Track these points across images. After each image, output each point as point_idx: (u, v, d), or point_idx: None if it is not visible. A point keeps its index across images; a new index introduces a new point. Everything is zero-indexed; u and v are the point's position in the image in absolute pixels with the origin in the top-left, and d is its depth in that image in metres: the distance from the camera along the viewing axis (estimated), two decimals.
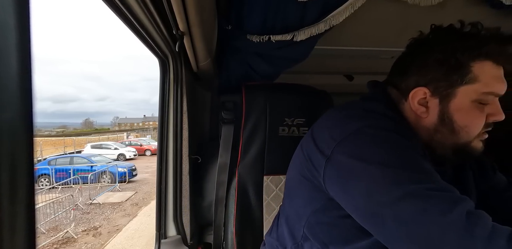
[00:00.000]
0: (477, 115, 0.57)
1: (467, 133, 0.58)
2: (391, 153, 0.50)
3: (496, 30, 0.56)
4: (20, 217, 0.18)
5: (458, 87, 0.57)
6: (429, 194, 0.45)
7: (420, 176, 0.48)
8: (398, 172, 0.48)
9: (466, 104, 0.57)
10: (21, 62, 0.18)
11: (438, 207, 0.43)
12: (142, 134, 31.86)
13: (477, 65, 0.56)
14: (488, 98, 0.56)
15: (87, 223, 6.25)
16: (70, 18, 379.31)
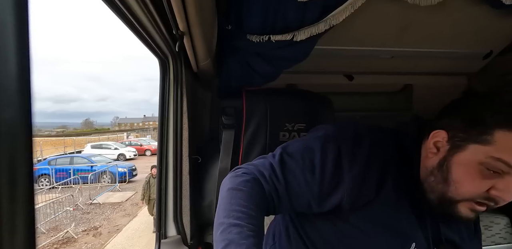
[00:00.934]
0: (475, 178, 0.55)
1: (457, 190, 0.57)
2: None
3: None
4: (20, 217, 0.18)
5: (471, 143, 0.56)
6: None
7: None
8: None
9: (471, 162, 0.55)
10: (20, 62, 0.18)
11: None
12: (142, 134, 31.84)
13: (501, 131, 0.53)
14: (497, 165, 0.52)
15: (87, 223, 6.25)
16: (71, 18, 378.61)
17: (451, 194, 0.57)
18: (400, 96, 1.91)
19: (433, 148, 0.62)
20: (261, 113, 1.05)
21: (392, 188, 0.62)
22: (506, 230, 1.41)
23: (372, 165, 0.62)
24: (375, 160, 0.62)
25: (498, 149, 0.53)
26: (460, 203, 0.57)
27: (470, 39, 1.32)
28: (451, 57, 1.50)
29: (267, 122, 1.05)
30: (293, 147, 0.66)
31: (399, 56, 1.45)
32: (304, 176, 0.61)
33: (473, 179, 0.55)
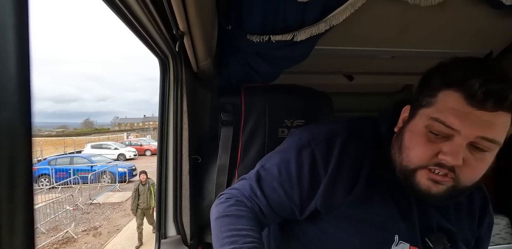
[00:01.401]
0: (422, 142, 0.54)
1: (408, 156, 0.56)
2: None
3: (485, 65, 0.53)
4: (19, 217, 0.18)
5: (420, 109, 0.56)
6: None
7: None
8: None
9: (418, 127, 0.55)
10: (20, 62, 0.18)
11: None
12: (142, 134, 31.84)
13: (443, 91, 0.53)
14: (437, 127, 0.52)
15: (87, 223, 6.25)
16: (71, 19, 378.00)
17: (405, 163, 0.56)
18: (400, 96, 1.91)
19: (400, 124, 0.62)
20: (260, 110, 1.05)
21: (367, 183, 0.61)
22: (506, 231, 1.41)
23: (344, 165, 0.62)
24: (347, 158, 0.62)
25: (437, 109, 0.53)
26: (417, 173, 0.55)
27: (470, 39, 1.32)
28: (451, 57, 1.50)
29: (266, 119, 1.05)
30: (270, 162, 0.67)
31: (399, 56, 1.45)
32: (283, 189, 0.63)
33: (420, 143, 0.54)
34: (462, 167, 0.51)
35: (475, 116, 0.49)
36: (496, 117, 0.50)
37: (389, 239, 0.62)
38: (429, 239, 0.61)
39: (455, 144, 0.51)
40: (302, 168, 0.62)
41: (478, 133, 0.49)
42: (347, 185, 0.61)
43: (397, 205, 0.62)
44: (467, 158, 0.51)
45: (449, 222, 0.65)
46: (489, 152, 0.53)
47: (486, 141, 0.50)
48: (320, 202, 0.61)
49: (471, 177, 0.53)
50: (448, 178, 0.53)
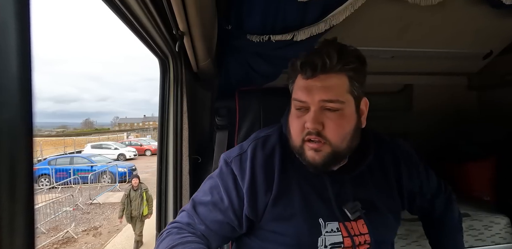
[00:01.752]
0: (294, 120, 0.65)
1: (290, 132, 0.67)
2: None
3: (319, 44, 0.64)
4: (20, 217, 0.18)
5: (292, 92, 0.67)
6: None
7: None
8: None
9: (292, 110, 0.67)
10: (21, 62, 0.18)
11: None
12: (142, 134, 31.83)
13: (298, 77, 0.65)
14: (296, 104, 0.64)
15: (87, 223, 6.25)
16: (71, 19, 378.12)
17: (293, 142, 0.66)
18: (400, 96, 1.91)
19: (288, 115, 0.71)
20: (254, 113, 1.05)
21: (281, 178, 0.68)
22: (506, 230, 1.41)
23: (257, 170, 0.68)
24: (258, 165, 0.69)
25: (293, 92, 0.65)
26: (304, 148, 0.64)
27: (470, 39, 1.33)
28: (451, 57, 1.51)
29: (260, 122, 1.05)
30: (202, 189, 0.74)
31: (399, 56, 1.45)
32: (217, 208, 0.68)
33: (294, 121, 0.65)
34: (326, 129, 0.61)
35: (311, 86, 0.61)
36: (327, 81, 0.60)
37: (317, 225, 0.66)
38: (346, 210, 0.66)
39: (310, 112, 0.61)
40: (228, 185, 0.69)
41: (318, 98, 0.60)
42: (265, 186, 0.67)
43: (314, 190, 0.68)
44: (326, 121, 0.61)
45: (367, 191, 0.70)
46: (341, 110, 0.61)
47: (329, 102, 0.60)
48: (248, 210, 0.67)
49: (335, 135, 0.61)
50: (321, 143, 0.62)
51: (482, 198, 1.62)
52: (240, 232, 0.70)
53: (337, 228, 0.66)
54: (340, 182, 0.69)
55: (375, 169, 0.73)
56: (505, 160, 1.53)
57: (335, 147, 0.62)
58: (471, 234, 1.39)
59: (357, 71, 0.62)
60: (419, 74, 1.71)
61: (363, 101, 0.67)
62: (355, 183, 0.70)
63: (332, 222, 0.66)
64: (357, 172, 0.69)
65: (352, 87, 0.62)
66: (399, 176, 0.75)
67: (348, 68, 0.60)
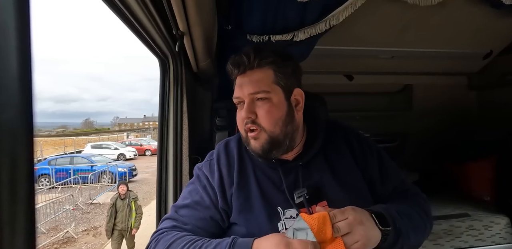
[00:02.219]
0: (237, 114, 0.73)
1: (238, 127, 0.73)
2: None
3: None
4: (20, 217, 0.18)
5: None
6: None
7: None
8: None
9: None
10: (21, 63, 0.18)
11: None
12: (142, 134, 31.83)
13: (233, 74, 0.72)
14: (235, 101, 0.72)
15: (87, 223, 6.25)
16: (72, 19, 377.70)
17: (240, 133, 0.73)
18: (400, 96, 1.91)
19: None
20: None
21: (239, 173, 0.75)
22: (506, 230, 1.41)
23: (222, 170, 0.76)
24: (222, 165, 0.77)
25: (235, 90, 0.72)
26: (247, 138, 0.71)
27: (470, 39, 1.32)
28: (451, 57, 1.51)
29: None
30: (182, 195, 0.80)
31: (399, 56, 1.45)
32: (200, 205, 0.75)
33: (237, 114, 0.72)
34: (258, 117, 0.68)
35: (241, 82, 0.70)
36: (253, 76, 0.69)
37: (276, 213, 0.71)
38: (295, 196, 0.71)
39: (244, 104, 0.69)
40: (205, 185, 0.77)
41: (247, 91, 0.68)
42: (229, 181, 0.75)
43: (270, 180, 0.74)
44: (258, 110, 0.69)
45: (323, 174, 0.74)
46: (269, 99, 0.68)
47: (256, 93, 0.68)
48: (222, 203, 0.73)
49: (267, 120, 0.68)
50: (257, 131, 0.69)
51: (482, 198, 1.62)
52: (224, 226, 0.75)
53: (296, 214, 0.70)
54: (295, 172, 0.74)
55: (330, 152, 0.77)
56: (505, 160, 1.53)
57: (269, 132, 0.69)
58: (471, 234, 1.39)
59: (278, 64, 0.70)
60: (419, 74, 1.71)
61: (297, 92, 0.74)
62: (309, 168, 0.75)
63: (290, 209, 0.70)
64: (310, 157, 0.75)
65: (277, 78, 0.69)
66: (357, 158, 0.78)
67: (266, 62, 0.68)
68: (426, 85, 1.81)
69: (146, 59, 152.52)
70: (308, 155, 0.75)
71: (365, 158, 0.78)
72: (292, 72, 0.73)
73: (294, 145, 0.74)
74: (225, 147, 0.81)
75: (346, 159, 0.77)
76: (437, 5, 0.92)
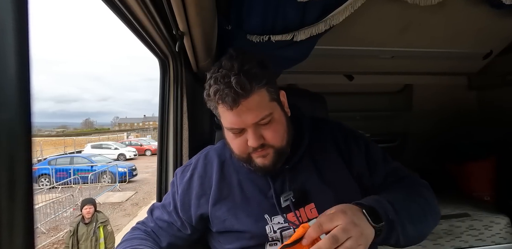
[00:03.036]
0: (231, 138, 0.68)
1: (231, 149, 0.70)
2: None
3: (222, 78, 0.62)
4: (19, 217, 0.18)
5: (220, 119, 0.68)
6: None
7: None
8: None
9: (226, 130, 0.69)
10: (20, 63, 0.18)
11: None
12: (142, 134, 31.82)
13: (218, 105, 0.64)
14: (231, 131, 0.66)
15: None
16: (72, 19, 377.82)
17: (236, 153, 0.69)
18: (400, 96, 1.91)
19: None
20: None
21: (219, 185, 0.73)
22: (506, 230, 1.41)
23: (194, 178, 0.76)
24: (196, 173, 0.77)
25: (224, 122, 0.66)
26: (250, 158, 0.68)
27: (470, 39, 1.32)
28: (451, 57, 1.50)
29: None
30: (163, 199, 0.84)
31: (399, 56, 1.45)
32: (166, 210, 0.79)
33: (231, 139, 0.68)
34: (266, 139, 0.65)
35: (238, 114, 0.62)
36: (250, 103, 0.61)
37: (261, 221, 0.70)
38: (282, 200, 0.70)
39: (248, 133, 0.64)
40: (174, 191, 0.79)
41: (250, 122, 0.62)
42: (199, 191, 0.75)
43: (257, 188, 0.72)
44: (265, 133, 0.65)
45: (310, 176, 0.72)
46: (271, 121, 0.65)
47: (261, 120, 0.63)
48: (182, 212, 0.75)
49: (276, 140, 0.66)
50: (265, 150, 0.66)
51: (482, 198, 1.62)
52: (186, 232, 0.77)
53: (284, 220, 0.69)
54: (282, 176, 0.72)
55: (317, 152, 0.75)
56: (505, 160, 1.53)
57: (278, 147, 0.67)
58: (471, 234, 1.39)
59: (268, 79, 0.64)
60: (419, 74, 1.71)
61: (281, 95, 0.70)
62: (296, 170, 0.72)
63: (277, 216, 0.69)
64: (296, 160, 0.72)
65: (271, 95, 0.65)
66: (344, 154, 0.75)
67: (262, 84, 0.62)
68: (426, 85, 1.81)
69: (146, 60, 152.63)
70: (294, 158, 0.72)
71: (350, 150, 0.75)
72: (274, 77, 0.68)
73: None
74: (205, 157, 0.80)
75: (333, 157, 0.75)
76: (437, 5, 0.91)
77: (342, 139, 0.77)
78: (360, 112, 1.87)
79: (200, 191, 0.75)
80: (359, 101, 1.87)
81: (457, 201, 1.62)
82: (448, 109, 1.87)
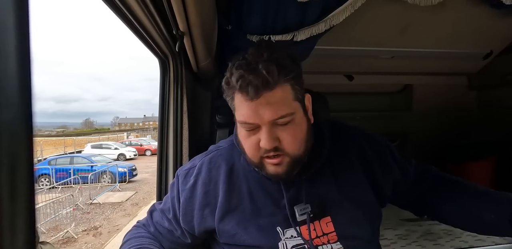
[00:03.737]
0: (244, 137, 0.61)
1: (243, 149, 0.64)
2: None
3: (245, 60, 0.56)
4: (20, 217, 0.18)
5: (235, 113, 0.62)
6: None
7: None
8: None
9: (239, 128, 0.63)
10: (21, 63, 0.18)
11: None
12: (142, 134, 31.82)
13: (235, 95, 0.58)
14: (244, 126, 0.59)
15: (87, 223, 6.25)
16: (73, 19, 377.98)
17: (249, 158, 0.63)
18: (400, 96, 1.91)
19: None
20: None
21: (227, 194, 0.67)
22: None
23: (197, 186, 0.70)
24: (200, 179, 0.70)
25: (238, 113, 0.59)
26: (264, 163, 0.61)
27: (470, 39, 1.33)
28: (451, 57, 1.51)
29: None
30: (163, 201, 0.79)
31: (399, 56, 1.45)
32: (165, 217, 0.75)
33: (243, 137, 0.61)
34: (282, 143, 0.58)
35: (256, 106, 0.55)
36: (273, 97, 0.55)
37: (275, 233, 0.65)
38: (297, 213, 0.64)
39: (262, 132, 0.57)
40: (174, 197, 0.73)
41: (268, 118, 0.56)
42: (203, 201, 0.69)
43: (269, 198, 0.67)
44: (281, 135, 0.58)
45: (329, 187, 0.67)
46: (292, 121, 0.58)
47: (281, 118, 0.56)
48: (184, 223, 0.71)
49: (293, 146, 0.59)
50: (280, 157, 0.59)
51: None
52: (186, 241, 0.73)
53: (297, 233, 0.64)
54: (297, 185, 0.66)
55: (337, 162, 0.69)
56: (505, 160, 1.53)
57: (293, 156, 0.60)
58: (471, 234, 1.39)
59: (296, 74, 0.58)
60: (419, 74, 1.71)
61: (306, 98, 0.64)
62: (313, 181, 0.67)
63: (290, 228, 0.65)
64: (315, 170, 0.66)
65: (296, 94, 0.58)
66: (367, 165, 0.70)
67: (290, 77, 0.56)
68: (426, 85, 1.81)
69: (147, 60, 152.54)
70: (313, 168, 0.66)
71: (381, 162, 0.70)
72: (302, 76, 0.62)
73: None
74: (210, 161, 0.73)
75: (355, 169, 0.69)
76: (437, 5, 0.91)
77: (368, 148, 0.71)
78: (360, 112, 1.87)
79: (204, 201, 0.69)
80: (359, 101, 1.87)
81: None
82: (448, 109, 1.87)
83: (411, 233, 1.29)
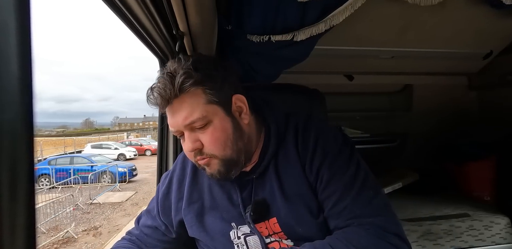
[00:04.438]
0: (182, 142, 0.66)
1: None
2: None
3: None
4: (20, 217, 0.18)
5: None
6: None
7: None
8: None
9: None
10: (22, 63, 0.18)
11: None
12: (142, 134, 31.82)
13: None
14: (174, 133, 0.66)
15: (87, 223, 6.25)
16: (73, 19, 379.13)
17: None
18: (400, 96, 1.91)
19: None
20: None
21: (191, 189, 0.73)
22: (506, 230, 1.41)
23: (172, 183, 0.77)
24: (174, 177, 0.77)
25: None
26: (199, 164, 0.66)
27: (470, 39, 1.33)
28: (451, 57, 1.51)
29: None
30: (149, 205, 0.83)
31: (399, 56, 1.45)
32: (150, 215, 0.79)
33: (182, 144, 0.66)
34: (204, 146, 0.62)
35: (172, 112, 0.61)
36: (181, 104, 0.60)
37: (229, 229, 0.68)
38: (252, 212, 0.66)
39: (183, 137, 0.63)
40: (158, 196, 0.79)
41: (181, 123, 0.60)
42: (177, 195, 0.75)
43: (225, 195, 0.70)
44: (202, 138, 0.62)
45: (274, 189, 0.66)
46: (209, 124, 0.61)
47: (193, 123, 0.60)
48: (164, 217, 0.75)
49: (215, 147, 0.62)
50: (206, 159, 0.63)
51: (482, 198, 1.62)
52: (171, 236, 0.77)
53: (250, 231, 0.67)
54: (250, 183, 0.69)
55: (282, 160, 0.67)
56: (505, 160, 1.53)
57: (221, 156, 0.62)
58: (471, 234, 1.39)
59: (203, 80, 0.60)
60: (419, 74, 1.71)
61: (236, 99, 0.65)
62: (262, 181, 0.67)
63: (243, 225, 0.68)
64: (262, 170, 0.67)
65: (209, 96, 0.60)
66: (306, 162, 0.65)
67: (189, 84, 0.58)
68: (426, 85, 1.81)
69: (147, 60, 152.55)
70: (261, 166, 0.67)
71: (315, 161, 0.64)
72: (222, 80, 0.63)
73: (251, 156, 0.68)
74: (183, 160, 0.79)
75: (296, 167, 0.66)
76: (437, 5, 0.91)
77: (312, 144, 0.65)
78: (360, 112, 1.87)
79: (178, 195, 0.75)
80: (359, 101, 1.87)
81: (457, 201, 1.62)
82: (448, 109, 1.87)
83: (411, 233, 1.29)
